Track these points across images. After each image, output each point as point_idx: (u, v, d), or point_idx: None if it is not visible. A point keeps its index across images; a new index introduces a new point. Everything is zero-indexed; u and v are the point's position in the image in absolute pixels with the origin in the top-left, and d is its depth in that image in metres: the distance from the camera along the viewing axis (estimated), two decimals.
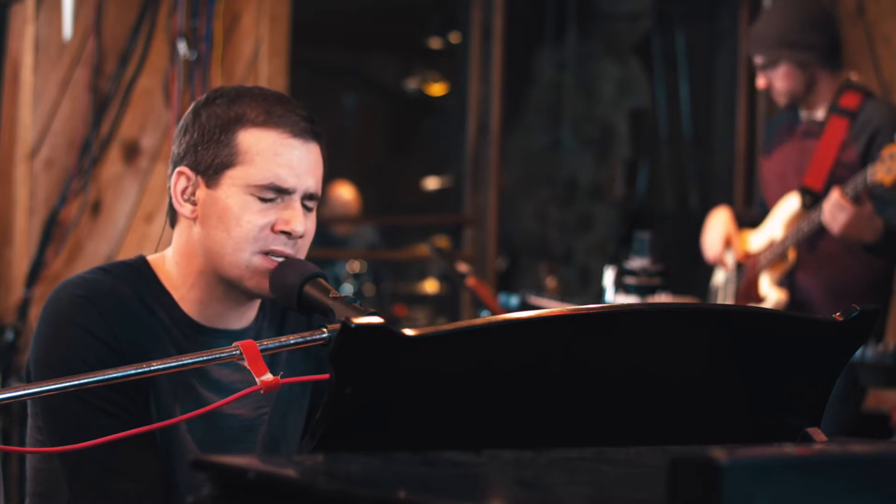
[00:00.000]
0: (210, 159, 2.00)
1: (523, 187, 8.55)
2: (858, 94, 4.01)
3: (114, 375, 1.66)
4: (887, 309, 4.20)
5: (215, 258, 2.01)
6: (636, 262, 3.65)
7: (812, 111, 4.07)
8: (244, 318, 2.09)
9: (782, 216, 4.08)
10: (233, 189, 1.99)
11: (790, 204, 4.06)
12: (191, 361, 1.71)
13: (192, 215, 2.03)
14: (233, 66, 4.77)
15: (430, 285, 7.54)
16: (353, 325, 1.41)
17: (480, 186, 5.93)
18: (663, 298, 3.66)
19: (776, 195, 4.13)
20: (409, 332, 1.44)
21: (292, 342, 1.76)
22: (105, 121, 4.62)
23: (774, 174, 4.19)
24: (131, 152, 4.66)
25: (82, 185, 4.58)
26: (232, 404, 1.89)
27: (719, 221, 4.26)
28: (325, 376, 1.49)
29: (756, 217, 4.29)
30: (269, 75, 4.77)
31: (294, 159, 2.00)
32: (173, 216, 2.08)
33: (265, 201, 1.99)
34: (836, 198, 3.72)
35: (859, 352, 3.61)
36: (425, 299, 7.57)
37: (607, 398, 1.57)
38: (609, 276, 3.77)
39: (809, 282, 4.03)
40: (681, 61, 7.62)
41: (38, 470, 2.07)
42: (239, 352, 1.71)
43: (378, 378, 1.45)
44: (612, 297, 3.74)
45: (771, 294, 4.08)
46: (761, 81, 4.09)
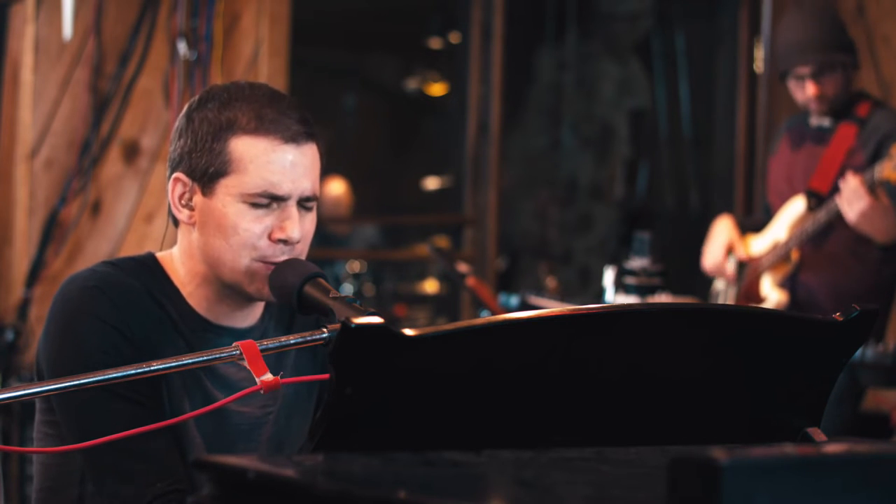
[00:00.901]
0: (204, 168, 1.99)
1: (523, 187, 8.55)
2: (869, 103, 4.02)
3: (115, 375, 1.67)
4: (888, 310, 4.19)
5: (215, 264, 2.01)
6: (636, 262, 3.65)
7: (821, 118, 4.05)
8: (249, 317, 2.10)
9: (787, 219, 4.07)
10: (228, 198, 1.98)
11: (796, 206, 4.05)
12: (191, 361, 1.71)
13: (191, 221, 2.03)
14: (233, 66, 4.77)
15: (430, 285, 7.53)
16: (353, 325, 1.41)
17: (480, 186, 5.92)
18: (663, 298, 3.66)
19: (782, 200, 4.12)
20: (409, 332, 1.44)
21: (292, 342, 1.76)
22: (105, 121, 4.62)
23: (782, 178, 4.17)
24: (131, 152, 4.66)
25: (82, 185, 4.58)
26: (239, 402, 1.90)
27: (722, 230, 4.24)
28: (326, 376, 1.49)
29: (759, 223, 4.27)
30: (269, 75, 4.77)
31: (287, 165, 1.98)
32: (175, 216, 2.09)
33: (260, 207, 1.98)
34: (856, 185, 3.71)
35: (859, 352, 3.61)
36: (425, 299, 7.56)
37: (607, 398, 1.57)
38: (609, 276, 3.77)
39: (813, 281, 4.03)
40: (681, 61, 7.62)
41: (46, 465, 2.07)
42: (239, 352, 1.72)
43: (378, 378, 1.45)
44: (612, 297, 3.74)
45: (772, 295, 4.08)
46: (812, 89, 3.96)
